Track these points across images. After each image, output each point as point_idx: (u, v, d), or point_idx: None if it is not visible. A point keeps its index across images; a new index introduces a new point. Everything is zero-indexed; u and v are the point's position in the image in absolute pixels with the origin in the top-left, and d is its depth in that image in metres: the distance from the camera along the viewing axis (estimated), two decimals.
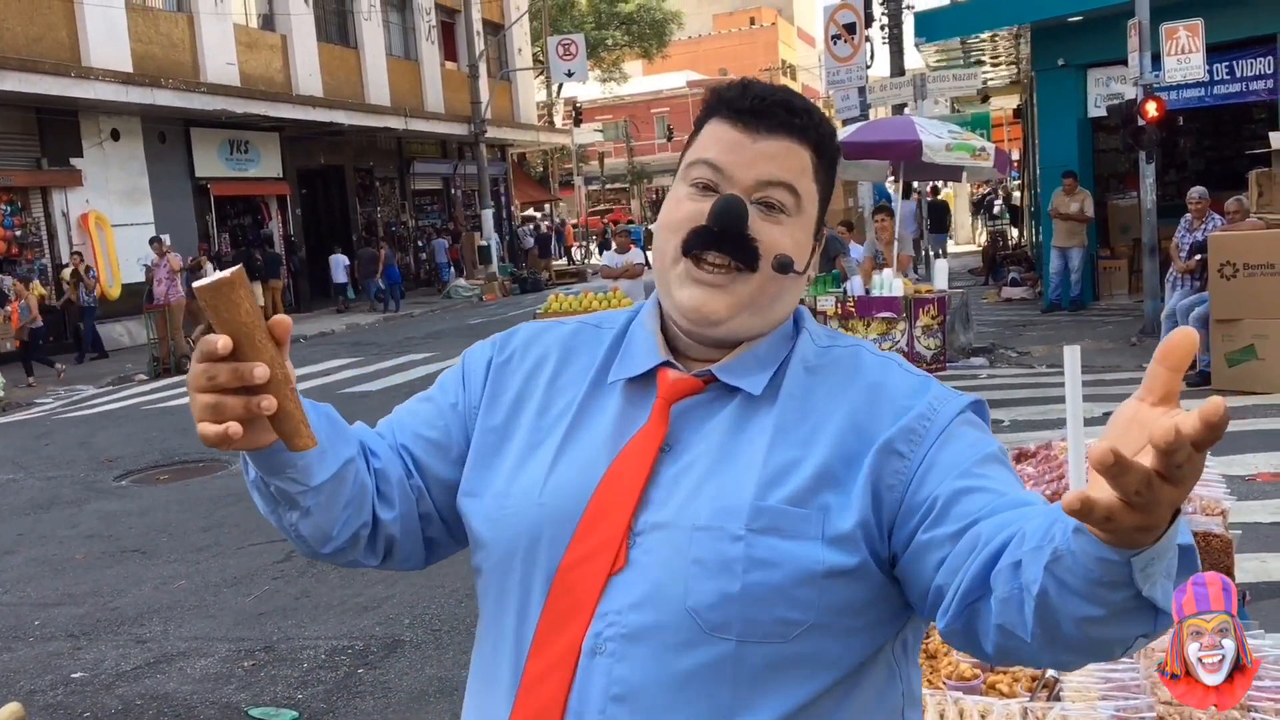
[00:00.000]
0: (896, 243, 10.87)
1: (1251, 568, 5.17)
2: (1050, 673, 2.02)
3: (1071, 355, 2.29)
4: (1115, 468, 0.85)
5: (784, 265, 1.28)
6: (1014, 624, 1.09)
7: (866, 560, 1.21)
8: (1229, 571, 2.19)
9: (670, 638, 1.20)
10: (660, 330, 1.36)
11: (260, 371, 1.08)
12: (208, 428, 1.09)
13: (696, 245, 1.27)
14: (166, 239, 18.77)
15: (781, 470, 1.23)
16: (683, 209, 1.29)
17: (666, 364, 1.33)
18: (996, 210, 30.98)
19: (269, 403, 1.09)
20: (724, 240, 1.26)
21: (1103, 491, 0.89)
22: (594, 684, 1.20)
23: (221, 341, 1.07)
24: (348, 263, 25.37)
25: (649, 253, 2.36)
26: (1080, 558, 0.99)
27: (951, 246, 27.75)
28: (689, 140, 1.35)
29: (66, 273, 18.08)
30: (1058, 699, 1.92)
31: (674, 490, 1.25)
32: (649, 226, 48.33)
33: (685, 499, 1.24)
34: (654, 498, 1.25)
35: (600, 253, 34.76)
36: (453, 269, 29.52)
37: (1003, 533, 1.11)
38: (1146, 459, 0.86)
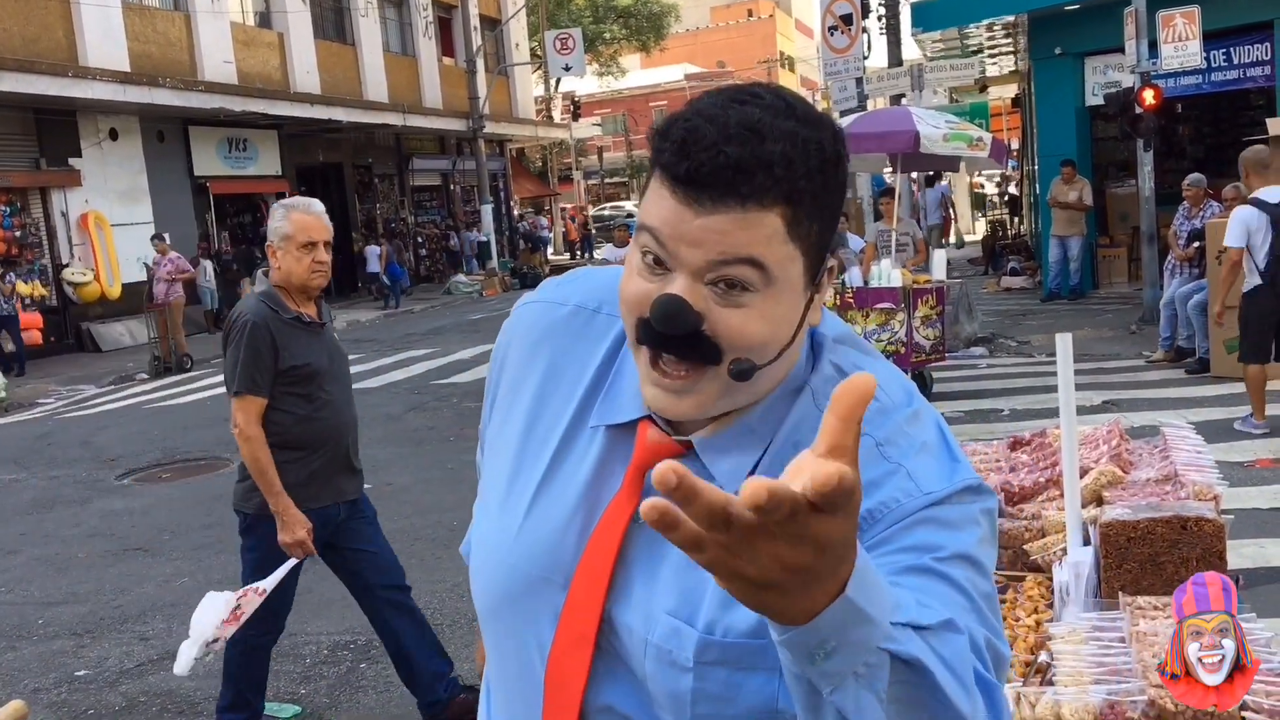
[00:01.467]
0: (900, 224, 10.85)
1: (1249, 553, 5.19)
2: (1043, 657, 2.04)
3: (1063, 343, 2.31)
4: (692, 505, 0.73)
5: (742, 373, 1.07)
6: None
7: None
8: (1221, 556, 2.20)
9: None
10: None
11: None
12: None
13: (649, 342, 1.09)
14: (166, 238, 18.79)
15: None
16: (633, 285, 1.10)
17: (650, 418, 1.17)
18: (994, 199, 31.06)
19: None
20: (677, 344, 1.06)
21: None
22: None
23: None
24: (379, 252, 25.97)
25: None
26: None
27: (951, 236, 27.79)
28: (646, 179, 1.13)
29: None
30: (1050, 683, 1.93)
31: (642, 583, 1.13)
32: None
33: (650, 602, 1.12)
34: (622, 584, 1.14)
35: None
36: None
37: None
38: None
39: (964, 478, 1.09)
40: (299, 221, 3.83)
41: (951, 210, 27.13)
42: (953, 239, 26.48)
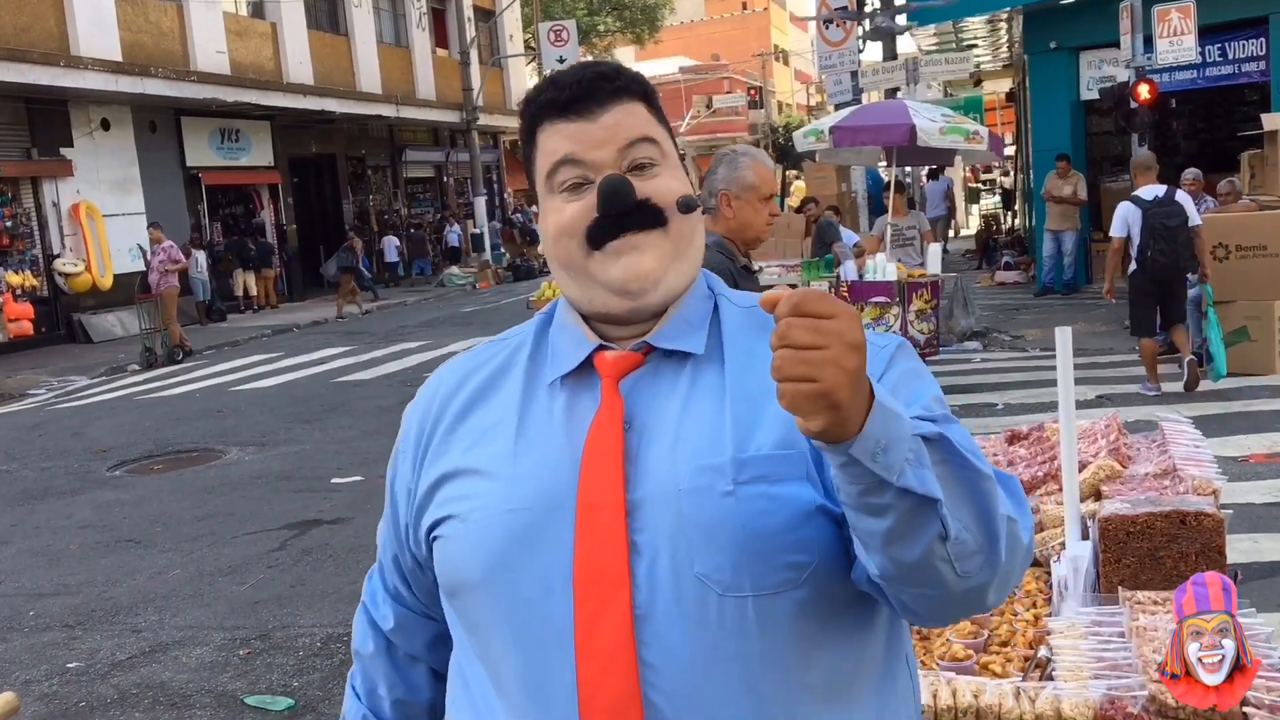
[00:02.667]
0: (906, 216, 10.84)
1: (1244, 548, 5.20)
2: (1043, 652, 2.03)
3: (1062, 337, 2.29)
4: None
5: (689, 204, 1.30)
6: (868, 572, 1.16)
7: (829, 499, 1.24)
8: (1220, 550, 2.19)
9: (685, 614, 1.20)
10: (582, 319, 1.35)
11: None
12: None
13: (603, 236, 1.27)
14: (161, 226, 18.70)
15: (751, 420, 1.24)
16: (567, 212, 1.29)
17: (601, 348, 1.31)
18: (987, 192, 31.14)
19: None
20: (625, 219, 1.26)
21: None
22: (648, 659, 1.20)
23: None
24: (398, 243, 27.33)
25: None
26: (835, 479, 1.08)
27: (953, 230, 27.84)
28: (527, 157, 1.36)
29: None
30: (1050, 678, 1.92)
31: (647, 463, 1.24)
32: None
33: (662, 469, 1.23)
34: (630, 476, 1.23)
35: None
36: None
37: None
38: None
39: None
40: (762, 173, 3.69)
41: (954, 199, 27.41)
42: (955, 229, 26.72)
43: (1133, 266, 8.90)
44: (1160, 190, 8.81)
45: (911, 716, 1.34)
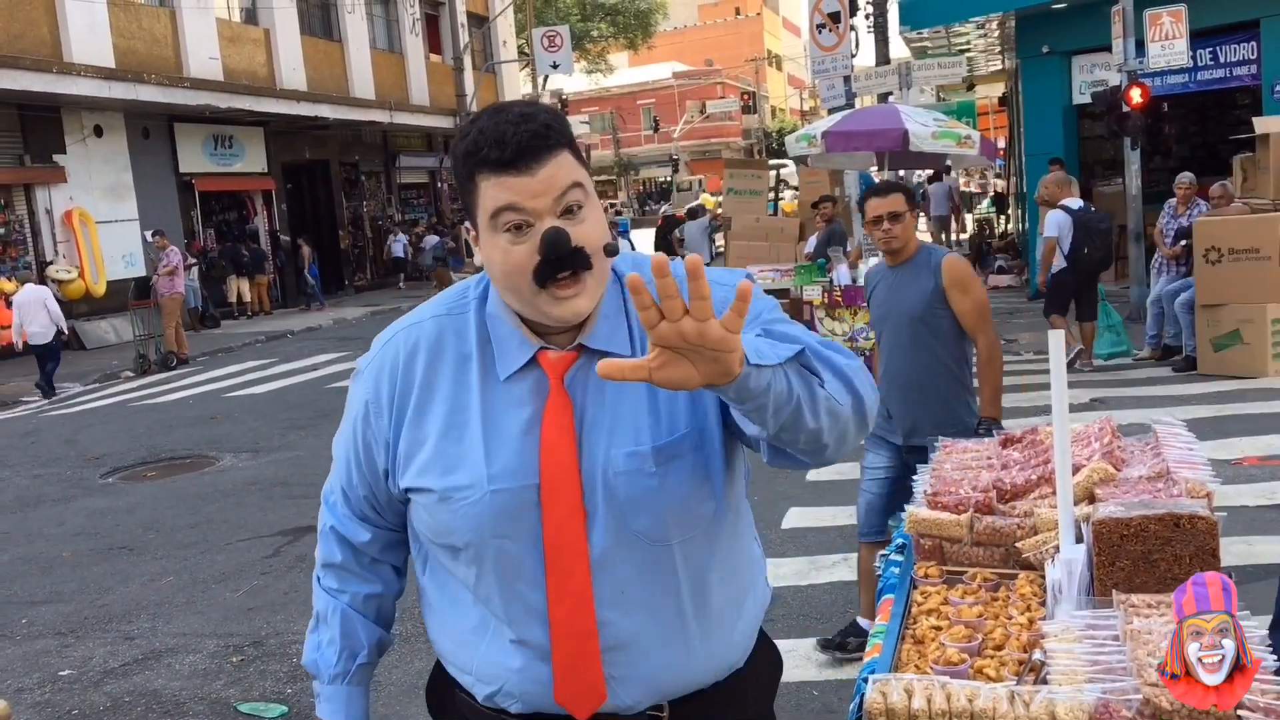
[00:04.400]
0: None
1: (1238, 551, 5.20)
2: (1037, 656, 2.02)
3: (1055, 340, 2.29)
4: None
5: (611, 250, 1.59)
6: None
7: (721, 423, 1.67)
8: (1214, 554, 2.19)
9: (627, 559, 1.64)
10: (520, 321, 1.65)
11: None
12: None
13: (548, 276, 1.54)
14: (165, 233, 18.71)
15: (664, 408, 1.64)
16: (516, 253, 1.55)
17: (546, 348, 1.65)
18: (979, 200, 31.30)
19: None
20: (562, 263, 1.53)
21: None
22: (606, 612, 1.65)
23: None
24: (406, 241, 28.25)
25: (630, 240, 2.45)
26: (731, 406, 1.48)
27: (926, 239, 28.01)
28: (464, 193, 1.61)
29: None
30: (1044, 682, 1.92)
31: (590, 448, 1.62)
32: (633, 215, 48.16)
33: (600, 452, 1.62)
34: (583, 456, 1.62)
35: None
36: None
37: None
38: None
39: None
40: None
41: (958, 199, 27.83)
42: (956, 233, 27.03)
43: (1062, 264, 10.37)
44: (1080, 202, 10.57)
45: (763, 573, 1.92)
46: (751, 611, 1.83)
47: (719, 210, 19.57)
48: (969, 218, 29.54)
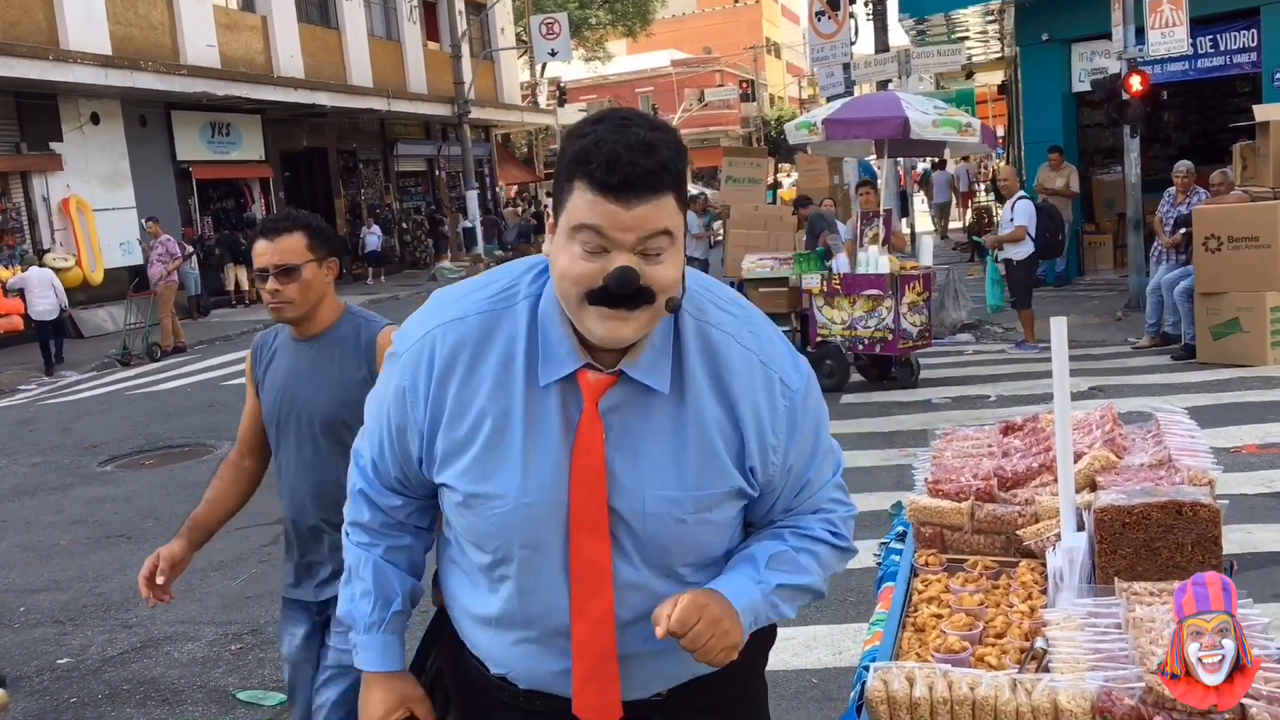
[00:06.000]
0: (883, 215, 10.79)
1: (1237, 539, 5.20)
2: (1039, 644, 2.02)
3: (1057, 328, 2.27)
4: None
5: (674, 305, 1.59)
6: None
7: (748, 499, 1.76)
8: (1216, 541, 2.18)
9: (652, 589, 1.70)
10: (572, 331, 1.64)
11: None
12: None
13: (602, 301, 1.54)
14: (160, 220, 18.64)
15: (704, 463, 1.67)
16: (578, 266, 1.55)
17: (588, 366, 1.64)
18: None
19: None
20: (626, 299, 1.54)
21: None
22: (625, 633, 1.71)
23: None
24: (379, 234, 27.24)
25: None
26: None
27: (927, 224, 28.17)
28: (558, 188, 1.58)
29: None
30: (1046, 670, 1.91)
31: (620, 480, 1.65)
32: None
33: (630, 485, 1.65)
34: (611, 485, 1.65)
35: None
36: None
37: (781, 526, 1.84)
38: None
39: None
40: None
41: (974, 185, 28.33)
42: (958, 219, 27.57)
43: (1027, 250, 11.10)
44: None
45: None
46: None
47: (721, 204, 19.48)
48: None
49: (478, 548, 1.74)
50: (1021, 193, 11.49)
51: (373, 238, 27.00)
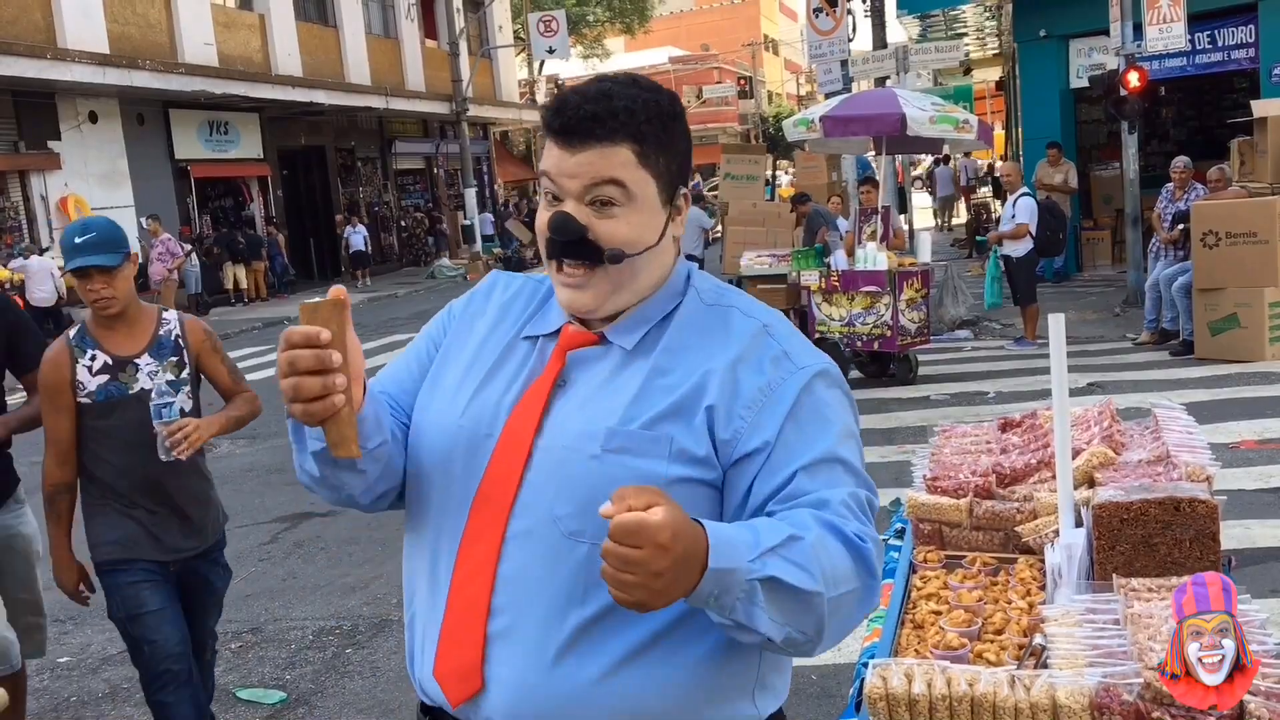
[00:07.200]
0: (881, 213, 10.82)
1: (1236, 534, 5.21)
2: (1037, 640, 2.02)
3: (1056, 324, 2.28)
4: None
5: (615, 257, 1.50)
6: None
7: (709, 479, 1.48)
8: (1214, 538, 2.18)
9: (539, 541, 1.49)
10: None
11: (337, 357, 1.37)
12: (295, 407, 1.39)
13: (555, 253, 1.53)
14: (160, 218, 18.65)
15: (644, 405, 1.49)
16: (542, 218, 1.54)
17: (570, 322, 1.59)
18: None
19: (341, 380, 1.37)
20: (570, 248, 1.50)
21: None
22: (504, 572, 1.50)
23: (324, 334, 1.35)
24: (365, 234, 26.57)
25: None
26: None
27: (926, 220, 28.32)
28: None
29: None
30: (1045, 666, 1.91)
31: (557, 418, 1.53)
32: None
33: (561, 424, 1.52)
34: (545, 425, 1.53)
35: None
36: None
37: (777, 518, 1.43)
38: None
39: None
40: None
41: (974, 180, 28.66)
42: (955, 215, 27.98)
43: (1027, 247, 11.11)
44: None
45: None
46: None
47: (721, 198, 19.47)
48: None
49: (416, 485, 1.62)
50: (1024, 189, 11.51)
51: (357, 237, 26.05)
